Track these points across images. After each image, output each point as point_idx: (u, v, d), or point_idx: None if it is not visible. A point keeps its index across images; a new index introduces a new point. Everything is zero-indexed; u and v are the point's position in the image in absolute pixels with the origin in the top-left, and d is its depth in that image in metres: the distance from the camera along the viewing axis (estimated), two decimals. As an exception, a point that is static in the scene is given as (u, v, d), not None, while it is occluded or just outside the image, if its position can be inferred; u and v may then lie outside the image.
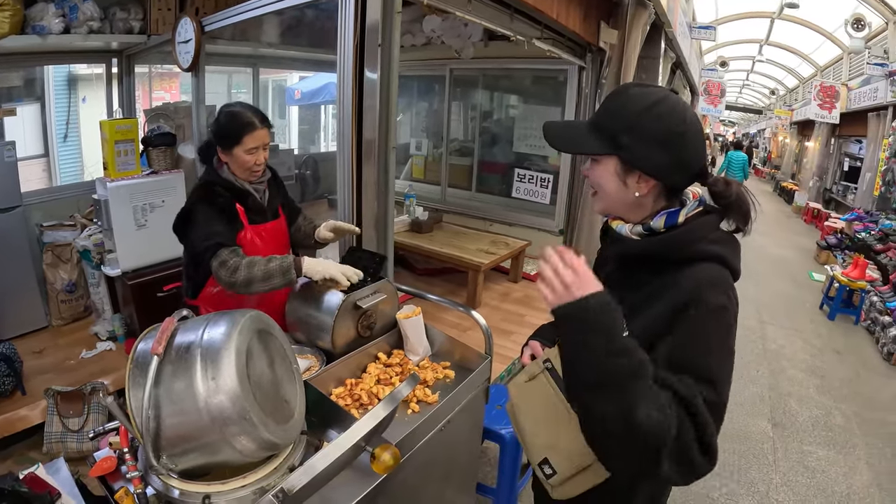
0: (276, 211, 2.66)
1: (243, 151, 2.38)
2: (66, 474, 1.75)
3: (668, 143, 1.28)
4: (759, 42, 18.24)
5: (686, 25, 9.30)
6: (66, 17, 4.07)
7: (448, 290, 5.16)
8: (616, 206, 1.39)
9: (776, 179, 23.65)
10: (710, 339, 1.21)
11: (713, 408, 1.15)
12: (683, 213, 1.31)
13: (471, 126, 7.18)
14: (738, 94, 30.58)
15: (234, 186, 2.46)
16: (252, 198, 2.51)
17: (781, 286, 8.91)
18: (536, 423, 1.45)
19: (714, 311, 1.21)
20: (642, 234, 1.34)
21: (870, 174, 11.97)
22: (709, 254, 1.27)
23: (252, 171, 2.46)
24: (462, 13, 3.44)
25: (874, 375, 5.82)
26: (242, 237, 2.45)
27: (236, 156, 2.40)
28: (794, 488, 3.79)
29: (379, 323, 2.39)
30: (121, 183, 3.74)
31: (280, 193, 2.71)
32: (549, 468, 1.39)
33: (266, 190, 2.60)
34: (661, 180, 1.32)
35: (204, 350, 1.34)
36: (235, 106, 2.46)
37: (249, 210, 2.50)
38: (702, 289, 1.22)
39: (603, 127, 1.34)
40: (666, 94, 1.32)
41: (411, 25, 5.72)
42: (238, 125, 2.37)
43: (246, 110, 2.42)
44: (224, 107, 2.48)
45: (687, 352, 1.19)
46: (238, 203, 2.46)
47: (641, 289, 1.31)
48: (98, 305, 4.28)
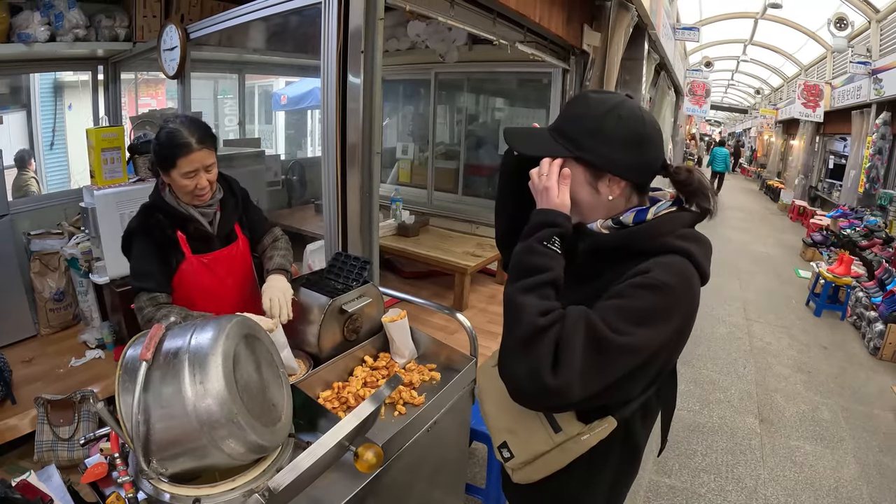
0: (229, 235, 2.42)
1: (180, 176, 2.13)
2: (57, 481, 1.76)
3: (631, 144, 1.32)
4: (743, 42, 18.41)
5: (670, 27, 9.37)
6: (52, 25, 4.07)
7: (435, 293, 5.18)
8: (592, 214, 1.42)
9: (762, 178, 23.80)
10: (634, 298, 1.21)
11: (590, 332, 1.16)
12: (653, 211, 1.35)
13: (456, 129, 7.18)
14: (723, 94, 30.81)
15: (176, 212, 2.22)
16: (195, 224, 2.27)
17: (768, 283, 8.98)
18: (498, 407, 1.54)
19: (656, 282, 1.22)
20: (611, 228, 1.38)
21: (854, 171, 12.09)
22: (675, 247, 1.29)
23: (195, 195, 2.20)
24: (444, 18, 3.46)
25: (861, 370, 5.88)
26: (186, 266, 2.26)
27: (175, 180, 2.15)
28: (781, 483, 3.83)
29: (365, 326, 2.41)
30: (108, 191, 3.73)
31: (237, 211, 2.46)
32: (507, 451, 1.49)
33: (218, 212, 2.35)
34: (630, 180, 1.37)
35: (192, 355, 1.36)
36: (174, 122, 2.16)
37: (191, 238, 2.27)
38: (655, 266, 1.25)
39: (565, 132, 1.38)
40: (623, 98, 1.36)
41: (396, 30, 5.74)
42: (171, 147, 2.11)
43: (183, 128, 2.12)
44: (164, 122, 2.20)
45: (605, 301, 1.23)
46: (179, 230, 2.24)
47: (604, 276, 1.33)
48: (86, 313, 4.27)
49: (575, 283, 1.37)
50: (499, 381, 1.38)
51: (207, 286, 2.32)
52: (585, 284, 1.36)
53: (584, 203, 1.39)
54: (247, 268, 2.53)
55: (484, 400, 1.63)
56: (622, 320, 1.18)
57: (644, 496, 3.57)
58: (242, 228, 2.49)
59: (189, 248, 2.26)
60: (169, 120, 2.18)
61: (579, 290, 1.34)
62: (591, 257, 1.41)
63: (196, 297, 2.29)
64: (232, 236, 2.43)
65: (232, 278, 2.42)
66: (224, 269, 2.39)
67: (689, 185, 1.35)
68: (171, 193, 2.23)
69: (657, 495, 3.60)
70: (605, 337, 1.15)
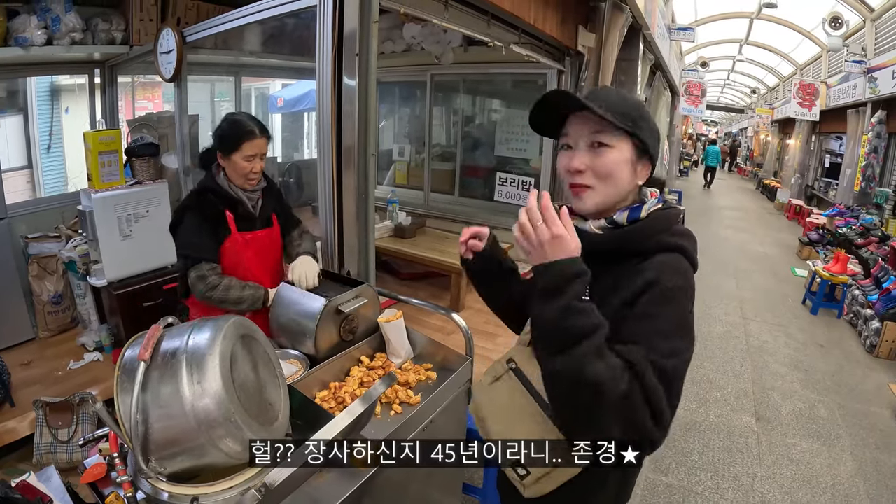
0: (268, 219, 2.73)
1: (241, 158, 2.48)
2: (57, 482, 1.77)
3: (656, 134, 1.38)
4: (738, 42, 18.40)
5: (665, 27, 9.39)
6: (49, 29, 4.07)
7: (432, 294, 5.19)
8: (617, 197, 1.38)
9: (759, 177, 23.81)
10: (665, 316, 1.23)
11: (664, 377, 1.17)
12: (646, 209, 1.35)
13: (453, 131, 7.22)
14: (719, 94, 30.79)
15: (227, 193, 2.55)
16: (242, 205, 2.59)
17: (764, 282, 8.99)
18: (506, 425, 1.44)
19: (671, 290, 1.24)
20: (605, 228, 1.38)
21: (850, 170, 12.10)
22: (670, 245, 1.31)
23: (248, 178, 2.54)
24: (439, 20, 3.48)
25: (857, 368, 5.89)
26: (230, 242, 2.55)
27: (234, 161, 2.48)
28: (778, 481, 3.84)
29: (361, 327, 2.43)
30: (105, 194, 3.75)
31: (274, 202, 2.78)
32: (522, 469, 1.38)
33: (260, 199, 2.68)
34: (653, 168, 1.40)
35: (189, 355, 1.37)
36: (238, 114, 2.60)
37: (239, 217, 2.58)
38: (661, 273, 1.26)
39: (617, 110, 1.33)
40: None
41: (391, 32, 5.76)
42: (239, 132, 2.47)
43: (248, 119, 2.52)
44: (228, 114, 2.61)
45: (642, 326, 1.22)
46: (228, 210, 2.55)
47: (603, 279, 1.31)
48: (85, 316, 4.28)
49: None
50: (501, 397, 1.39)
51: (246, 262, 2.62)
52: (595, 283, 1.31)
53: (619, 181, 1.36)
54: (278, 251, 2.82)
55: (486, 418, 1.50)
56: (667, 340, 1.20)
57: (641, 494, 3.58)
58: (278, 217, 2.79)
59: (235, 226, 2.57)
60: (231, 112, 2.71)
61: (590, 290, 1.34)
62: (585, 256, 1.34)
63: (236, 271, 2.57)
64: (269, 222, 2.75)
65: (267, 257, 2.74)
66: (261, 248, 2.70)
67: None
68: (225, 177, 2.56)
69: (654, 493, 3.61)
70: (672, 367, 1.18)
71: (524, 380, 1.40)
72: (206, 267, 2.42)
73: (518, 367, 1.43)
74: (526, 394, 1.39)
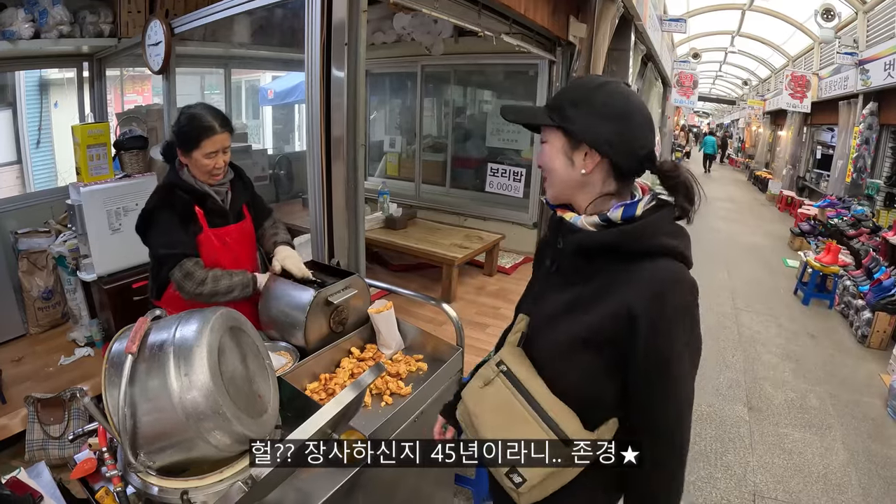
0: (239, 212, 2.62)
1: (202, 155, 2.33)
2: (47, 478, 1.76)
3: (612, 118, 1.29)
4: (730, 33, 18.40)
5: (656, 18, 9.39)
6: (36, 22, 4.04)
7: (423, 286, 5.18)
8: (565, 189, 1.39)
9: (750, 168, 23.88)
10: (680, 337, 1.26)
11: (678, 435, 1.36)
12: (641, 206, 1.30)
13: (444, 122, 7.19)
14: (711, 86, 30.84)
15: (194, 189, 2.40)
16: (211, 200, 2.46)
17: (756, 273, 9.03)
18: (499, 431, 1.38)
19: (681, 309, 1.25)
20: (598, 225, 1.32)
21: (842, 161, 12.13)
22: (667, 248, 1.27)
23: (212, 174, 2.40)
24: (429, 10, 3.46)
25: (848, 358, 5.93)
26: (201, 240, 2.42)
27: (195, 159, 2.34)
28: (770, 470, 3.86)
29: (351, 318, 2.43)
30: (94, 187, 3.72)
31: (245, 193, 2.66)
32: (518, 477, 1.33)
33: (229, 192, 2.55)
34: (606, 156, 1.31)
35: (177, 348, 1.37)
36: (196, 108, 2.40)
37: (209, 213, 2.45)
38: (666, 288, 1.24)
39: (552, 104, 1.37)
40: (617, 80, 1.36)
41: (381, 23, 5.73)
42: (197, 128, 2.32)
43: (206, 113, 2.35)
44: (184, 108, 2.42)
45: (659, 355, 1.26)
46: (197, 205, 2.41)
47: (595, 279, 1.31)
48: (75, 311, 4.25)
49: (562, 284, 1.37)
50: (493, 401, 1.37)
51: (220, 258, 2.47)
52: (575, 287, 1.34)
53: (557, 173, 1.37)
54: (252, 244, 2.71)
55: (479, 427, 1.42)
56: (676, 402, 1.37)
57: (633, 485, 3.58)
58: (249, 209, 2.68)
59: (206, 221, 2.44)
60: (189, 106, 2.43)
61: (569, 292, 1.34)
62: (577, 257, 1.37)
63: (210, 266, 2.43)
64: (241, 215, 2.62)
65: (241, 251, 2.61)
66: (234, 242, 2.57)
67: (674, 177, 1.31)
68: (189, 173, 2.42)
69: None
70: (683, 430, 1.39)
71: (516, 382, 1.37)
72: (190, 263, 2.30)
73: (510, 370, 1.40)
74: (518, 396, 1.36)
